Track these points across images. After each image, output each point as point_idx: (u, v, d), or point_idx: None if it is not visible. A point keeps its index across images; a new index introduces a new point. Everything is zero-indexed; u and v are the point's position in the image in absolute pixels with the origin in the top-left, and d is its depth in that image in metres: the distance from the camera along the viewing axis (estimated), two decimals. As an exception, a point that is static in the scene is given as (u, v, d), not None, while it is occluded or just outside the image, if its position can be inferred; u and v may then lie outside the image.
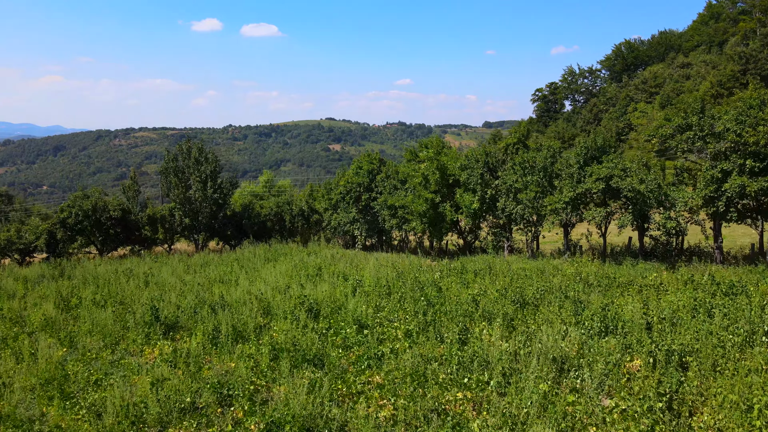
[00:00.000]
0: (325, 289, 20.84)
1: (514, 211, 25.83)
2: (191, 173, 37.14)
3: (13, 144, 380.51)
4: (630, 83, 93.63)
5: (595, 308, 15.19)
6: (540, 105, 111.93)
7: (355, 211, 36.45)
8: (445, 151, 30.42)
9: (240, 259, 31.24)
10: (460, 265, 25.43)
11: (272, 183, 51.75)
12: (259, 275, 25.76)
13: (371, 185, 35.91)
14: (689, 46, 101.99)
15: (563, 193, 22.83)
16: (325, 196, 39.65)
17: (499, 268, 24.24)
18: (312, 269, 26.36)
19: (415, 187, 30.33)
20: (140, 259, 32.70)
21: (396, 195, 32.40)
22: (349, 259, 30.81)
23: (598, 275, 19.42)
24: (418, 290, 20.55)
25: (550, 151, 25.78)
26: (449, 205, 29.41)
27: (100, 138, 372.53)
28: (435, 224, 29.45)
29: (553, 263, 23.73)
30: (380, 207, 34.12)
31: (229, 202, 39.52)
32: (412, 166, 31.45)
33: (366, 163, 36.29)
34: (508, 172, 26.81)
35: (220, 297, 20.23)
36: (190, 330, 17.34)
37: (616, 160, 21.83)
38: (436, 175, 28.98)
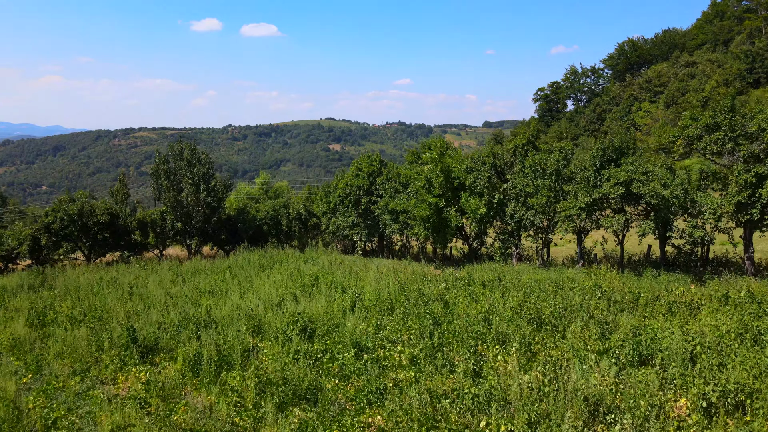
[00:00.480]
0: (321, 305, 19.09)
1: (524, 217, 24.08)
2: (183, 175, 35.40)
3: (13, 144, 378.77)
4: (634, 82, 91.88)
5: (624, 332, 13.44)
6: (542, 104, 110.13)
7: (354, 214, 34.70)
8: (449, 153, 28.67)
9: (233, 266, 29.49)
10: (467, 275, 23.68)
11: (269, 185, 50.03)
12: (252, 286, 24.02)
13: (371, 188, 34.16)
14: (693, 45, 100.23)
15: (578, 199, 21.08)
16: (324, 199, 37.91)
17: (509, 279, 22.49)
18: (308, 279, 24.62)
19: (417, 191, 28.58)
20: (128, 266, 30.94)
21: (397, 199, 30.64)
22: (348, 267, 29.07)
23: (621, 290, 17.67)
24: (422, 305, 18.84)
25: (562, 153, 24.03)
26: (454, 209, 27.67)
27: (100, 138, 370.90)
28: (439, 230, 27.71)
29: (567, 274, 21.97)
30: (381, 211, 32.38)
31: (224, 206, 37.79)
32: (415, 169, 29.70)
33: (366, 164, 34.54)
34: (518, 176, 25.07)
35: (207, 313, 18.50)
36: (172, 352, 15.62)
37: (636, 163, 20.07)
38: (440, 178, 27.23)
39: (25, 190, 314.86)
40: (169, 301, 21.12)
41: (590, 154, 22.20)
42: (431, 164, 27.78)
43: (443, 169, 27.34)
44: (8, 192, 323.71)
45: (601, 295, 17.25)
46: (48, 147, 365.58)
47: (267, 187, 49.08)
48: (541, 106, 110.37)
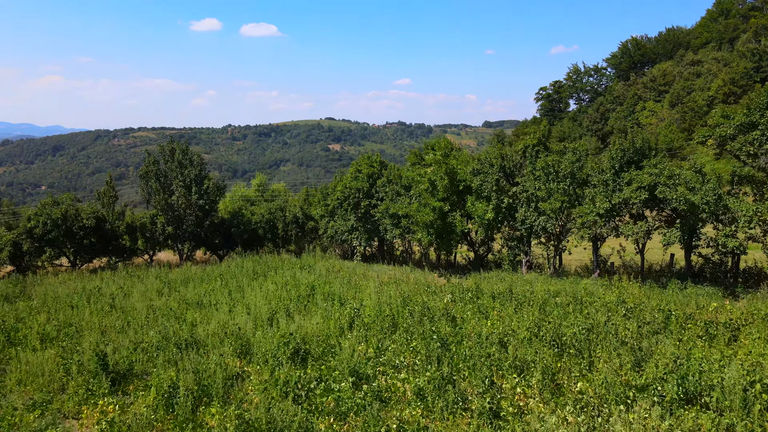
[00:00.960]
0: (316, 321, 17.32)
1: (536, 223, 22.30)
2: (174, 177, 33.62)
3: (12, 144, 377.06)
4: (638, 81, 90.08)
5: (662, 361, 11.67)
6: (544, 104, 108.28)
7: (353, 218, 32.92)
8: (454, 154, 26.89)
9: (225, 274, 27.72)
10: (474, 285, 21.91)
11: (266, 186, 48.22)
12: (243, 296, 22.27)
13: (371, 191, 32.38)
14: (698, 44, 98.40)
15: (596, 204, 19.30)
16: (321, 201, 36.12)
17: (521, 290, 20.73)
18: (304, 289, 22.87)
19: (420, 194, 26.81)
20: (115, 273, 29.16)
21: (399, 202, 28.86)
22: (346, 275, 27.31)
23: (647, 305, 15.90)
24: (427, 321, 17.08)
25: (576, 155, 22.25)
26: (459, 214, 25.89)
27: (99, 138, 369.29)
28: (443, 236, 25.93)
29: (583, 285, 20.21)
30: (381, 215, 30.61)
31: (217, 209, 36.00)
32: (418, 171, 27.92)
33: (365, 166, 32.75)
34: (528, 178, 23.29)
35: (191, 331, 16.73)
36: (147, 377, 13.86)
37: (660, 165, 18.30)
38: (444, 181, 25.45)
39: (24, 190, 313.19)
40: (151, 316, 19.36)
41: (608, 156, 20.42)
42: (435, 166, 26.01)
43: (448, 172, 25.56)
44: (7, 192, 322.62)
45: (627, 312, 15.47)
46: (47, 147, 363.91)
47: (263, 189, 47.31)
48: (543, 106, 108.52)
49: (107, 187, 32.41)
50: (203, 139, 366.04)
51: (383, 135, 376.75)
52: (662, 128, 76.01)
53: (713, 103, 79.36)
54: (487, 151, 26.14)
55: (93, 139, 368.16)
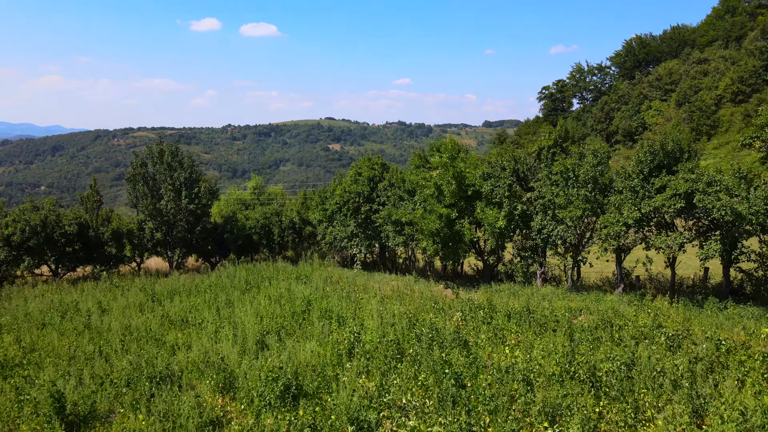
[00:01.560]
0: (311, 347, 15.26)
1: (554, 233, 20.22)
2: (163, 180, 31.54)
3: (12, 144, 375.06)
4: (643, 80, 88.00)
5: (727, 411, 9.60)
6: (547, 103, 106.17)
7: (353, 224, 30.85)
8: (461, 156, 24.80)
9: (215, 285, 25.65)
10: (486, 301, 19.83)
11: (262, 189, 46.20)
12: (233, 313, 20.21)
13: (372, 195, 30.30)
14: (704, 42, 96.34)
15: (623, 213, 17.23)
16: (319, 206, 34.05)
17: (538, 307, 18.66)
18: (299, 304, 20.83)
19: (425, 200, 24.73)
20: (98, 284, 27.09)
21: (402, 208, 26.79)
22: (345, 286, 25.25)
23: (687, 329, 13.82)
24: (437, 347, 15.02)
25: (597, 157, 20.18)
26: (468, 221, 23.82)
27: (99, 138, 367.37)
28: (450, 245, 23.86)
29: (608, 302, 18.14)
30: (383, 221, 28.54)
31: (209, 213, 33.92)
32: (422, 174, 25.83)
33: (366, 168, 30.66)
34: (544, 183, 21.22)
35: (170, 359, 14.67)
36: (111, 419, 11.82)
37: (698, 171, 16.23)
38: (451, 186, 23.37)
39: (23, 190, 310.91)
40: (128, 338, 17.28)
41: (635, 159, 18.35)
42: (441, 169, 23.92)
43: (455, 175, 23.48)
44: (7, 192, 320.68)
45: (667, 340, 13.39)
46: (47, 147, 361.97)
47: (259, 192, 45.26)
48: (546, 105, 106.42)
49: (91, 191, 30.32)
50: (203, 139, 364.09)
51: (383, 135, 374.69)
52: (670, 128, 73.86)
53: (721, 102, 77.33)
54: (498, 153, 24.05)
55: (92, 139, 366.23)
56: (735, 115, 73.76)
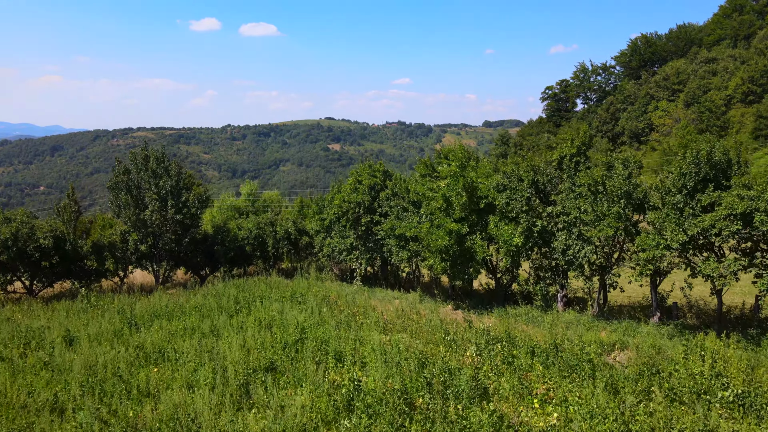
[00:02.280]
0: (303, 398, 12.79)
1: (580, 254, 17.74)
2: (148, 189, 29.04)
3: (11, 144, 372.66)
4: (650, 80, 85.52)
5: None
6: (550, 104, 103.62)
7: (353, 236, 28.38)
8: (472, 165, 22.31)
9: (202, 307, 23.19)
10: (504, 331, 17.37)
11: (257, 195, 43.69)
12: (218, 342, 17.79)
13: (373, 204, 27.83)
14: (711, 41, 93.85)
15: (668, 235, 14.77)
16: (317, 215, 31.60)
17: (564, 339, 16.20)
18: (292, 332, 18.41)
19: (432, 213, 22.26)
20: (74, 302, 24.62)
21: (406, 220, 24.32)
22: (345, 308, 22.79)
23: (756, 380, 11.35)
24: (452, 397, 12.59)
25: (628, 168, 17.70)
26: (480, 237, 21.35)
27: (98, 138, 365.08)
28: (460, 263, 21.39)
29: (648, 338, 15.69)
30: (385, 234, 26.09)
31: (199, 223, 31.44)
32: (429, 184, 23.34)
33: (366, 176, 28.18)
34: (568, 197, 18.73)
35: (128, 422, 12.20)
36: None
37: (758, 187, 13.76)
38: (462, 198, 20.89)
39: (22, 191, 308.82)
40: (92, 380, 14.81)
41: (676, 171, 15.88)
42: (450, 179, 21.43)
43: (466, 186, 20.99)
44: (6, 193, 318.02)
45: (736, 398, 10.94)
46: (46, 147, 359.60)
47: (254, 198, 42.78)
48: (549, 105, 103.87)
49: (69, 200, 27.87)
50: (202, 139, 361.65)
51: (383, 135, 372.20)
52: (678, 129, 71.44)
53: (731, 103, 74.86)
54: (516, 162, 21.54)
55: (92, 139, 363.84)
56: (746, 116, 71.31)
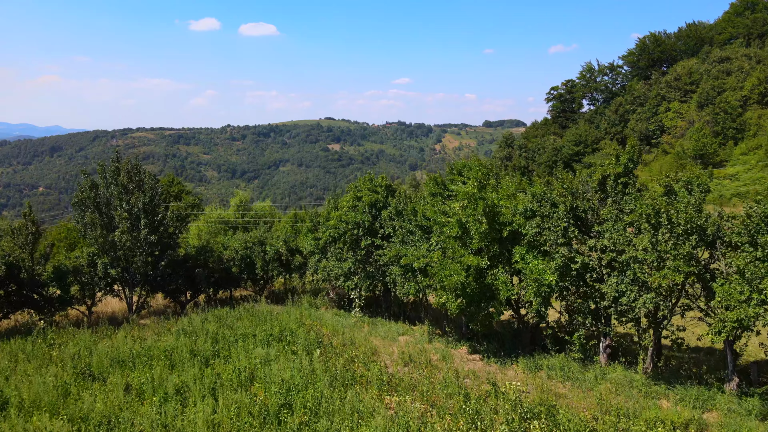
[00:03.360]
0: None
1: (637, 303, 14.00)
2: (118, 206, 25.30)
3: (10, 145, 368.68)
4: (661, 80, 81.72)
5: None
6: (555, 104, 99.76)
7: (351, 259, 24.65)
8: (492, 183, 18.56)
9: (172, 350, 19.47)
10: (539, 400, 13.64)
11: (247, 206, 39.89)
12: (181, 415, 14.10)
13: (374, 225, 24.10)
14: (722, 39, 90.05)
15: (762, 289, 11.05)
16: (310, 234, 27.89)
17: (618, 415, 12.49)
18: (275, 396, 14.75)
19: (445, 242, 18.53)
20: (25, 342, 20.89)
21: (413, 248, 20.57)
22: (342, 353, 19.07)
23: None
24: None
25: (695, 193, 13.96)
26: (503, 269, 17.63)
27: (97, 138, 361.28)
28: (479, 302, 17.66)
29: (723, 408, 11.99)
30: (388, 258, 22.36)
31: (178, 243, 27.70)
32: (440, 206, 19.59)
33: (367, 192, 24.42)
34: (615, 228, 14.98)
35: None
36: None
37: None
38: (482, 226, 17.14)
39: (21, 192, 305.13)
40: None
41: (765, 203, 12.16)
42: (467, 202, 17.68)
43: (487, 211, 17.24)
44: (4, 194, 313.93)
45: None
46: (45, 148, 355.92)
47: (244, 210, 39.02)
48: (555, 106, 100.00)
49: (25, 220, 24.11)
50: (202, 139, 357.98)
51: (383, 135, 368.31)
52: (693, 132, 67.70)
53: (747, 104, 71.08)
54: (547, 182, 17.77)
55: (91, 139, 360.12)
56: (763, 117, 67.56)
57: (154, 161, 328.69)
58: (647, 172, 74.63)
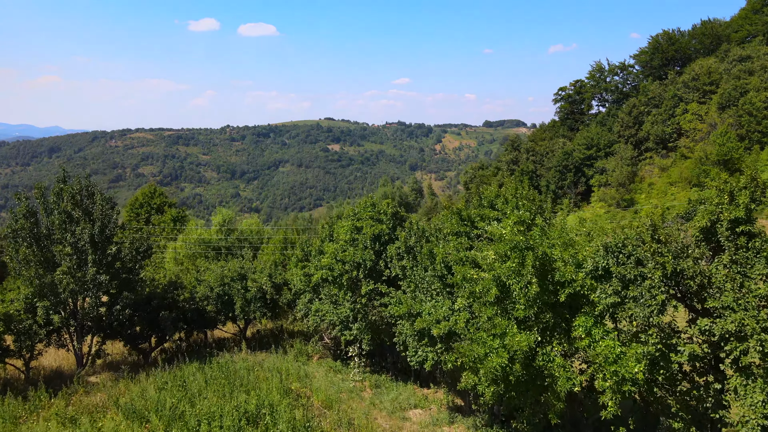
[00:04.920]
0: None
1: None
2: (61, 239, 20.14)
3: (8, 146, 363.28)
4: (677, 80, 76.46)
5: None
6: (563, 106, 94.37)
7: (349, 305, 19.51)
8: (540, 223, 13.39)
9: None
10: None
11: (232, 224, 34.56)
12: None
13: (378, 264, 18.96)
14: (738, 38, 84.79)
15: None
16: (299, 264, 22.83)
17: None
18: None
19: (477, 305, 13.39)
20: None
21: (432, 304, 15.40)
22: None
23: None
24: None
25: None
26: (557, 346, 12.51)
27: (96, 139, 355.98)
28: (526, 392, 12.52)
29: None
30: (396, 311, 17.22)
31: (138, 280, 22.50)
32: (465, 251, 14.44)
33: (369, 222, 19.25)
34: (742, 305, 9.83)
35: None
36: None
37: None
38: (531, 289, 11.99)
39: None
40: None
41: None
42: (510, 250, 12.50)
43: (538, 264, 12.10)
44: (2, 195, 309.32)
45: None
46: (44, 149, 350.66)
47: (228, 229, 33.83)
48: (563, 108, 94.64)
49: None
50: (201, 139, 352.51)
51: (383, 135, 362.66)
52: (716, 135, 62.49)
53: (773, 106, 65.80)
54: (626, 227, 12.54)
55: (90, 140, 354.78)
56: (792, 120, 62.32)
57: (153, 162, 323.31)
58: (666, 178, 69.51)
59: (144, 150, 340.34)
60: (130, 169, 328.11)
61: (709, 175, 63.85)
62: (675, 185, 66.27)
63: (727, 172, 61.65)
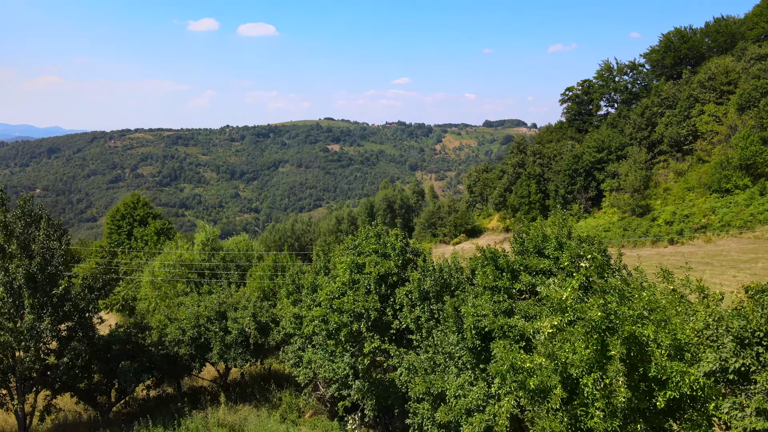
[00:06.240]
0: None
1: None
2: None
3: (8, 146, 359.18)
4: (692, 80, 72.32)
5: None
6: (570, 106, 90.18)
7: (348, 363, 15.46)
8: (635, 291, 9.27)
9: None
10: None
11: (217, 243, 30.38)
12: None
13: (385, 313, 14.90)
14: (753, 35, 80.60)
15: None
16: (288, 298, 18.79)
17: None
18: None
19: (524, 396, 9.26)
20: None
21: (458, 381, 11.31)
22: None
23: None
24: None
25: None
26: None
27: (95, 139, 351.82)
28: None
29: None
30: (408, 381, 13.17)
31: (90, 324, 18.45)
32: (502, 315, 10.33)
33: (373, 258, 15.16)
34: None
35: None
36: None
37: None
38: (619, 393, 7.87)
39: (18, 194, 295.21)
40: None
41: None
42: (585, 334, 8.38)
43: (631, 356, 7.99)
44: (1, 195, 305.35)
45: None
46: (43, 149, 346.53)
47: (213, 247, 29.73)
48: (570, 109, 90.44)
49: None
50: (201, 140, 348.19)
51: (383, 135, 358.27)
52: (738, 138, 58.41)
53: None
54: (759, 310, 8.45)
55: (89, 140, 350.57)
56: (818, 122, 58.17)
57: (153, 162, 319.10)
58: (683, 183, 65.41)
59: (143, 150, 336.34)
60: (130, 169, 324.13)
61: (731, 180, 59.90)
62: (693, 191, 62.15)
63: (750, 178, 57.67)
